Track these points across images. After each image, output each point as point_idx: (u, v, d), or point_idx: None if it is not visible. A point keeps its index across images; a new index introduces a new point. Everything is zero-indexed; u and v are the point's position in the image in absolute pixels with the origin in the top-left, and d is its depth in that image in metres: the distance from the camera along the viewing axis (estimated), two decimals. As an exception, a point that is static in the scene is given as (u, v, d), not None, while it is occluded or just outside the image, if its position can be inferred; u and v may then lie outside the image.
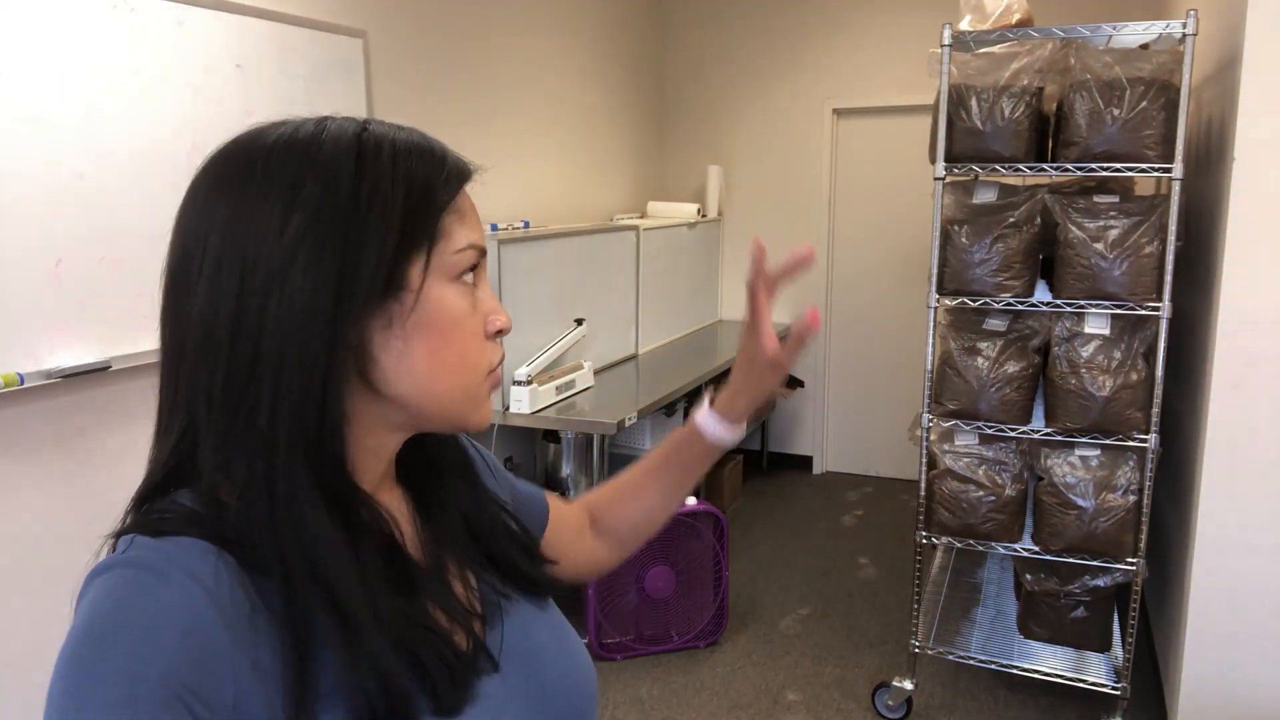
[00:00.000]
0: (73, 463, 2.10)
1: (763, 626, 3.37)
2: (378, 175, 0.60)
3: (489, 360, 0.66)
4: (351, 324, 0.58)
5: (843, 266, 4.98)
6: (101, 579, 0.53)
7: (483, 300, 0.65)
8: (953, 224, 2.53)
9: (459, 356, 0.63)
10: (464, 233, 0.63)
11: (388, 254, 0.59)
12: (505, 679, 0.68)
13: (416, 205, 0.61)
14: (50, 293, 1.96)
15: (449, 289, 0.62)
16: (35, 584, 2.05)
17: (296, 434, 0.58)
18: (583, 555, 0.93)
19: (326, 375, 0.58)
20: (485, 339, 0.65)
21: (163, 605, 0.52)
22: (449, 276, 0.62)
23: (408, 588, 0.63)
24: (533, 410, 3.13)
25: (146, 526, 0.56)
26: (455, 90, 3.34)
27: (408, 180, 0.61)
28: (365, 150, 0.61)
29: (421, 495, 0.72)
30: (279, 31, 2.47)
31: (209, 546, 0.55)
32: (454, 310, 0.62)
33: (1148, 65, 2.29)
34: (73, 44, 1.97)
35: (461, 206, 0.64)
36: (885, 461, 5.06)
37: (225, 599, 0.53)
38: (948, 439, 2.65)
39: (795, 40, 4.82)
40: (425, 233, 0.61)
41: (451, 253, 0.62)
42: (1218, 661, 2.39)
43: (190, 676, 0.50)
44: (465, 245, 0.63)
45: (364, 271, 0.58)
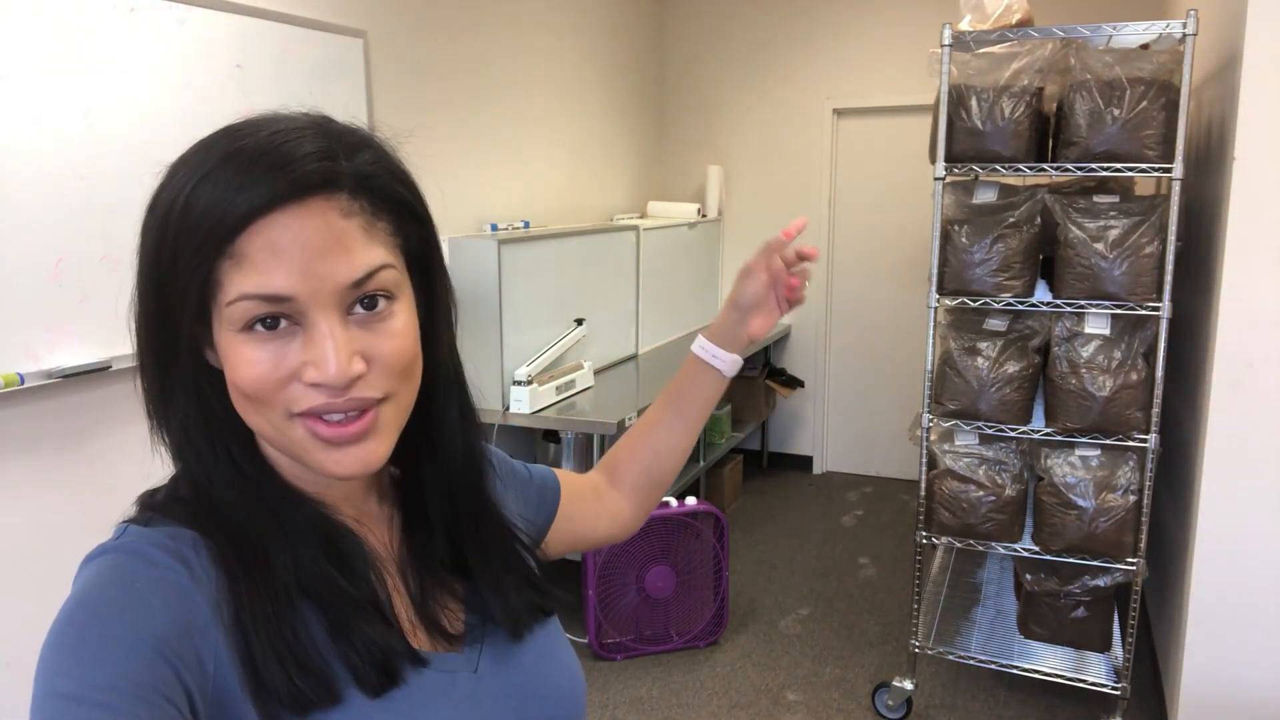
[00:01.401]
0: (73, 463, 2.10)
1: (763, 626, 3.37)
2: (163, 210, 0.58)
3: (288, 403, 0.58)
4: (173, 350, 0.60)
5: (843, 266, 4.98)
6: (94, 562, 0.57)
7: (300, 350, 0.58)
8: (953, 224, 2.53)
9: (250, 402, 0.59)
10: (239, 281, 0.56)
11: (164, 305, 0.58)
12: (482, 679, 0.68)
13: (182, 263, 0.56)
14: (50, 293, 1.96)
15: (235, 337, 0.57)
16: (35, 583, 2.05)
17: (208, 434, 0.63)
18: (603, 518, 0.94)
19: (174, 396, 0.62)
20: (290, 383, 0.58)
21: (151, 581, 0.55)
22: (234, 328, 0.57)
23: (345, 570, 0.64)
24: (533, 410, 3.13)
25: (139, 517, 0.61)
26: (455, 90, 3.34)
27: (181, 219, 0.56)
28: (170, 173, 0.60)
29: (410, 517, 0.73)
30: (279, 31, 2.47)
31: (192, 533, 0.59)
32: (235, 360, 0.58)
33: (1148, 65, 2.29)
34: (73, 44, 1.97)
35: (243, 250, 0.56)
36: (885, 461, 5.06)
37: (205, 580, 0.57)
38: (948, 439, 2.65)
39: (795, 40, 4.82)
40: (195, 281, 0.56)
41: (225, 304, 0.57)
42: (1218, 661, 2.39)
43: (177, 644, 0.53)
44: (236, 297, 0.56)
45: (156, 315, 0.59)
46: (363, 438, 0.60)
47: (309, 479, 0.66)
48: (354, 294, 0.58)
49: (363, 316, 0.59)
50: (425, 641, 0.67)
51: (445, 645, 0.68)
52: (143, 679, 0.51)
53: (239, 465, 0.63)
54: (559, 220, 4.07)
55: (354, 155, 0.59)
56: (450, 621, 0.69)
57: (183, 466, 0.63)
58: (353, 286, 0.58)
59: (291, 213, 0.56)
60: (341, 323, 0.58)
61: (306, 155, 0.57)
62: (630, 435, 0.99)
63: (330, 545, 0.64)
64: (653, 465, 0.97)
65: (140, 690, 0.50)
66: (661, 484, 0.98)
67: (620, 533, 0.97)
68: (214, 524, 0.61)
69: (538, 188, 3.93)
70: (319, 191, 0.57)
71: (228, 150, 0.57)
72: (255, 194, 0.55)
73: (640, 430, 0.98)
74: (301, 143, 0.57)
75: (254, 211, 0.55)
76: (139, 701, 0.50)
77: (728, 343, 0.95)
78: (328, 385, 0.57)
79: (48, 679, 0.51)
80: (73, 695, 0.49)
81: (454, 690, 0.66)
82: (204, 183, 0.56)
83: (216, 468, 0.62)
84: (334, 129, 0.60)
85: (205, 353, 0.61)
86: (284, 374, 0.57)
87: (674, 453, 0.97)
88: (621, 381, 3.70)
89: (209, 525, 0.60)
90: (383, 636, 0.62)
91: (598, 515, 0.94)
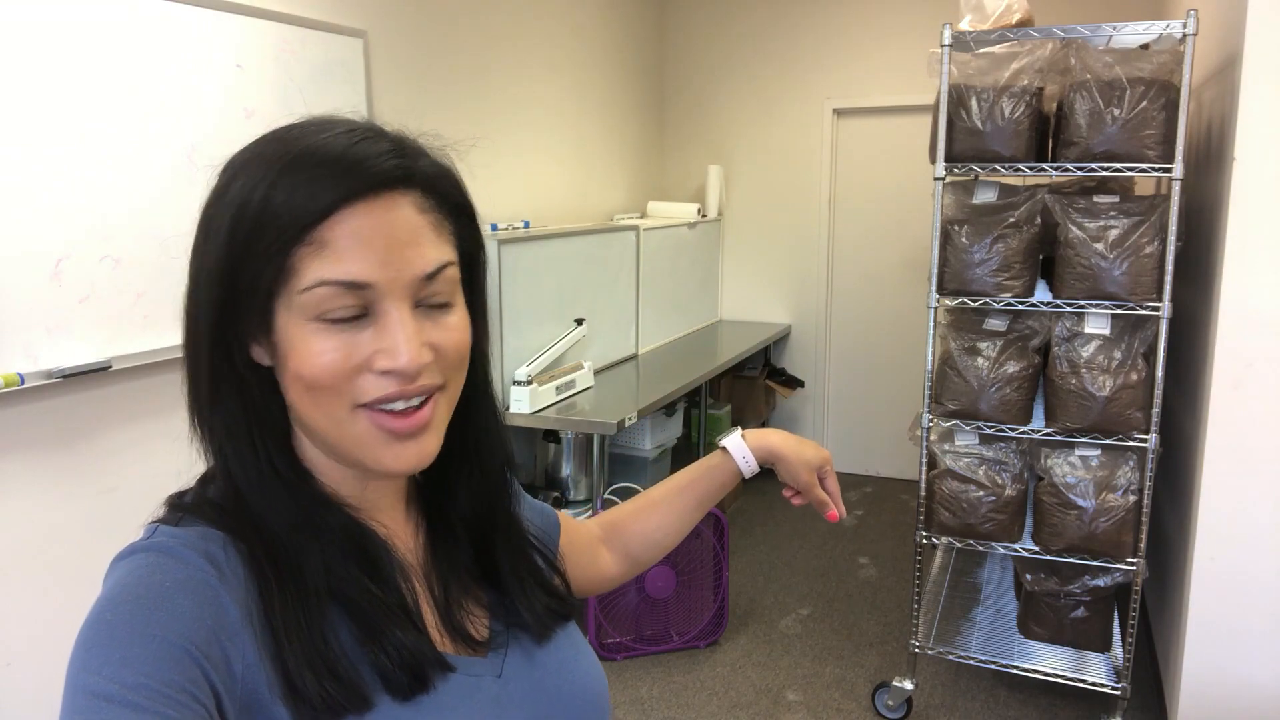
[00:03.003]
0: (73, 463, 2.10)
1: (763, 626, 3.37)
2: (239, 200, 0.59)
3: (355, 394, 0.59)
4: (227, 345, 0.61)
5: (843, 266, 4.98)
6: (125, 561, 0.58)
7: (371, 340, 0.59)
8: (953, 224, 2.54)
9: (315, 393, 0.59)
10: (317, 268, 0.57)
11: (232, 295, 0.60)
12: (507, 684, 0.69)
13: (259, 249, 0.58)
14: (50, 293, 1.96)
15: (305, 326, 0.58)
16: (36, 583, 2.05)
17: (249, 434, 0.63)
18: (591, 569, 0.95)
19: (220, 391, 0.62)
20: (363, 373, 0.60)
21: (180, 581, 0.56)
22: (305, 316, 0.58)
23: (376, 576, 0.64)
24: (533, 410, 3.13)
25: (169, 518, 0.61)
26: (455, 90, 3.34)
27: (262, 208, 0.58)
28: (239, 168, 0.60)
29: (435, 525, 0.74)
30: (279, 31, 2.47)
31: (223, 535, 0.60)
32: (304, 349, 0.58)
33: (1148, 65, 2.29)
34: (73, 44, 1.97)
35: (326, 237, 0.57)
36: (885, 461, 5.06)
37: (235, 582, 0.58)
38: (948, 439, 2.65)
39: (795, 40, 4.82)
40: (271, 268, 0.58)
41: (298, 291, 0.58)
42: (1218, 661, 2.39)
43: (205, 644, 0.54)
44: (314, 283, 0.57)
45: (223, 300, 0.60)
46: (422, 431, 0.62)
47: (346, 484, 0.66)
48: (424, 287, 0.61)
49: (427, 310, 0.62)
50: (450, 647, 0.68)
51: (469, 651, 0.69)
52: (172, 679, 0.51)
53: (276, 466, 0.63)
54: (559, 220, 4.07)
55: (420, 157, 0.62)
56: (475, 628, 0.70)
57: (221, 463, 0.63)
58: (425, 279, 0.61)
59: (373, 204, 0.58)
60: (411, 313, 0.60)
61: (384, 152, 0.59)
62: (637, 507, 1.00)
63: (361, 551, 0.64)
64: (652, 541, 0.99)
65: (169, 690, 0.51)
66: (654, 558, 1.00)
67: (602, 587, 0.98)
68: (245, 526, 0.61)
69: (538, 188, 3.93)
70: (397, 186, 0.60)
71: (306, 145, 0.59)
72: (341, 184, 0.57)
73: (648, 506, 0.99)
74: (376, 141, 0.60)
75: (339, 201, 0.57)
76: (168, 701, 0.50)
77: (759, 453, 1.00)
78: (400, 373, 0.59)
79: (79, 677, 0.51)
80: (103, 693, 0.50)
81: (479, 694, 0.66)
82: (287, 173, 0.57)
83: (256, 467, 0.62)
84: (392, 134, 0.63)
85: (253, 350, 0.62)
86: (356, 363, 0.59)
87: (674, 534, 0.99)
88: (621, 381, 3.70)
89: (240, 527, 0.60)
90: (413, 641, 0.62)
91: (588, 565, 0.95)
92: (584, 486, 3.67)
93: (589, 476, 3.64)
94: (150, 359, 2.19)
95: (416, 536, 0.72)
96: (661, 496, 0.99)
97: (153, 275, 2.17)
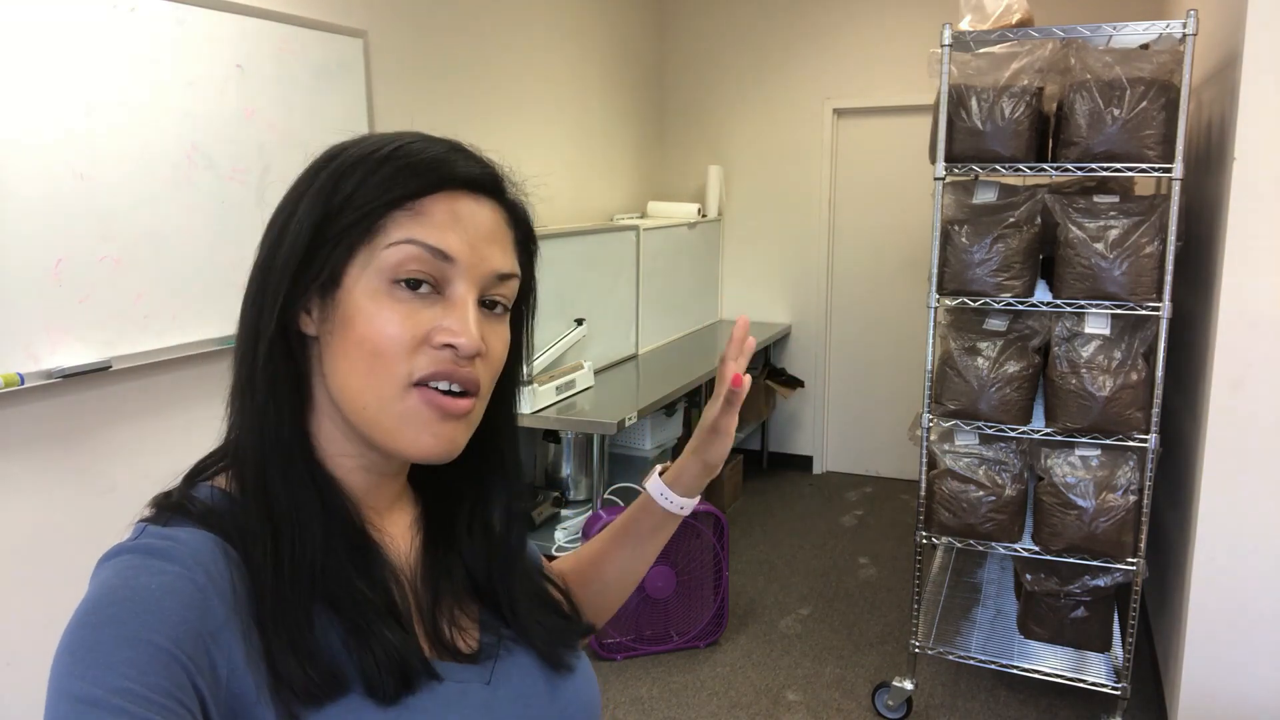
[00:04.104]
0: (73, 463, 2.10)
1: (763, 626, 3.37)
2: (348, 159, 0.63)
3: (411, 367, 0.61)
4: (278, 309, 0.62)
5: (843, 266, 4.98)
6: (111, 563, 0.57)
7: (435, 315, 0.62)
8: (953, 224, 2.54)
9: (373, 359, 0.61)
10: (409, 228, 0.61)
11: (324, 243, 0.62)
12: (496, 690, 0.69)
13: (371, 197, 0.61)
14: (50, 293, 1.96)
15: (378, 287, 0.61)
16: (36, 583, 2.05)
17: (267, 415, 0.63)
18: None
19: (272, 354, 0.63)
20: (419, 346, 0.61)
21: (166, 583, 0.55)
22: (384, 277, 0.61)
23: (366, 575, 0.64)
24: (533, 410, 3.13)
25: (157, 518, 0.61)
26: (455, 90, 3.34)
27: (369, 178, 0.61)
28: (342, 147, 0.64)
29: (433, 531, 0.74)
30: (279, 31, 2.47)
31: (212, 537, 0.59)
32: (371, 312, 0.61)
33: (1148, 65, 2.29)
34: (73, 43, 1.97)
35: (425, 209, 0.61)
36: (885, 461, 5.06)
37: (223, 584, 0.57)
38: (948, 439, 2.65)
39: (795, 40, 4.82)
40: (360, 228, 0.61)
41: (384, 247, 0.61)
42: (1218, 661, 2.39)
43: (190, 647, 0.53)
44: (402, 239, 0.61)
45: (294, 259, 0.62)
46: (461, 417, 0.64)
47: (354, 476, 0.67)
48: (493, 285, 0.65)
49: (486, 310, 0.65)
50: (435, 656, 0.68)
51: (455, 660, 0.69)
52: (156, 682, 0.51)
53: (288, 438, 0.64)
54: (559, 220, 4.07)
55: (505, 181, 0.69)
56: (464, 640, 0.70)
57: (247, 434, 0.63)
58: (497, 278, 0.65)
59: (474, 197, 0.64)
60: (476, 304, 0.64)
61: (480, 162, 0.66)
62: (583, 556, 0.93)
63: (355, 549, 0.64)
64: (603, 590, 0.92)
65: (154, 693, 0.50)
66: (612, 604, 0.94)
67: None
68: (235, 526, 0.61)
69: (538, 188, 3.92)
70: (493, 195, 0.66)
71: (409, 144, 0.64)
72: (454, 168, 0.63)
73: (593, 556, 0.92)
74: (470, 155, 0.66)
75: (448, 181, 0.63)
76: (152, 706, 0.50)
77: (684, 489, 0.88)
78: (459, 350, 0.61)
79: (62, 681, 0.51)
80: (87, 698, 0.50)
81: (466, 700, 0.66)
82: (397, 156, 0.62)
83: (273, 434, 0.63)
84: (484, 157, 0.69)
85: (300, 319, 0.64)
86: (418, 334, 0.61)
87: (626, 580, 0.93)
88: (621, 381, 3.70)
89: (229, 528, 0.60)
90: (399, 642, 0.62)
91: None
92: (584, 486, 3.68)
93: (589, 476, 3.64)
94: (150, 359, 2.19)
95: (412, 544, 0.72)
96: (599, 548, 0.92)
97: (153, 275, 2.17)
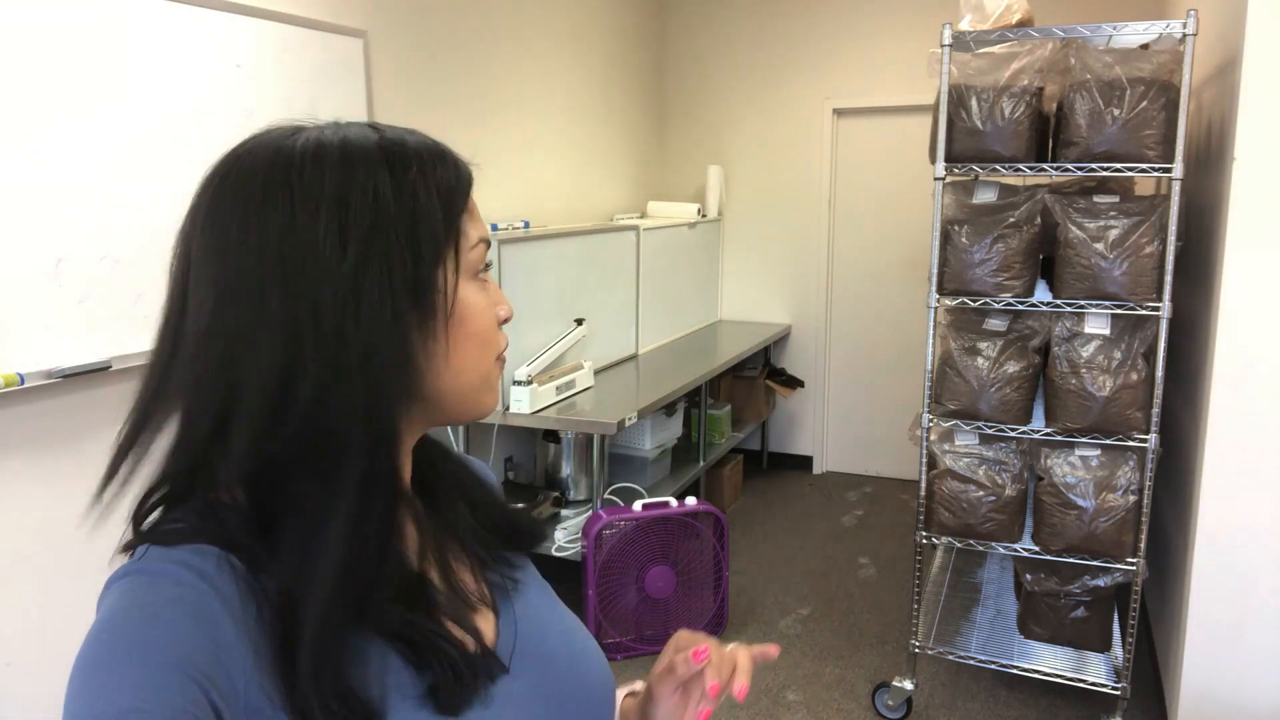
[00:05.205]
0: (73, 463, 2.10)
1: (763, 626, 3.37)
2: (414, 186, 0.62)
3: (500, 346, 0.69)
4: (423, 336, 0.62)
5: (843, 266, 4.98)
6: (119, 583, 0.57)
7: (492, 290, 0.69)
8: (953, 224, 2.53)
9: (480, 348, 0.67)
10: (475, 229, 0.67)
11: (436, 262, 0.63)
12: (515, 680, 0.68)
13: (446, 212, 0.64)
14: (50, 293, 1.96)
15: (471, 285, 0.66)
16: (36, 584, 2.05)
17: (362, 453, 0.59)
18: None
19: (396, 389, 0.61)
20: (494, 323, 0.69)
21: (177, 600, 0.55)
22: (470, 274, 0.66)
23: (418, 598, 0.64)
24: (533, 410, 3.13)
25: (159, 538, 0.59)
26: (455, 90, 3.34)
27: (437, 188, 0.63)
28: (394, 160, 0.62)
29: (427, 488, 0.73)
30: (279, 31, 2.47)
31: (217, 550, 0.58)
32: (476, 305, 0.66)
33: (1148, 65, 2.29)
34: (72, 43, 1.97)
35: (471, 205, 0.67)
36: (885, 461, 5.06)
37: (233, 598, 0.57)
38: (948, 439, 2.65)
39: (795, 40, 4.82)
40: (452, 236, 0.64)
41: (468, 250, 0.65)
42: (1218, 661, 2.39)
43: (204, 664, 0.53)
44: (477, 241, 0.66)
45: (423, 283, 0.61)
46: None
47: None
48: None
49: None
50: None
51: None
52: (172, 700, 0.50)
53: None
54: (559, 220, 4.07)
55: None
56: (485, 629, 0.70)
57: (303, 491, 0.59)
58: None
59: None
60: None
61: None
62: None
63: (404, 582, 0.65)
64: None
65: (170, 712, 0.50)
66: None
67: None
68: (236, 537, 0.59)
69: (538, 188, 3.93)
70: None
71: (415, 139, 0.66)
72: (463, 165, 0.67)
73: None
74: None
75: (470, 175, 0.68)
76: None
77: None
78: (507, 320, 0.70)
79: (77, 703, 0.50)
80: (100, 717, 0.49)
81: (489, 691, 0.66)
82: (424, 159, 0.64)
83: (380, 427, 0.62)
84: None
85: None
86: (494, 313, 0.68)
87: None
88: (621, 381, 3.70)
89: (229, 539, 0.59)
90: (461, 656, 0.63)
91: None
92: (584, 486, 3.67)
93: (589, 477, 3.64)
94: (150, 359, 2.19)
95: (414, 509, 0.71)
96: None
97: (153, 275, 2.17)
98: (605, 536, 3.02)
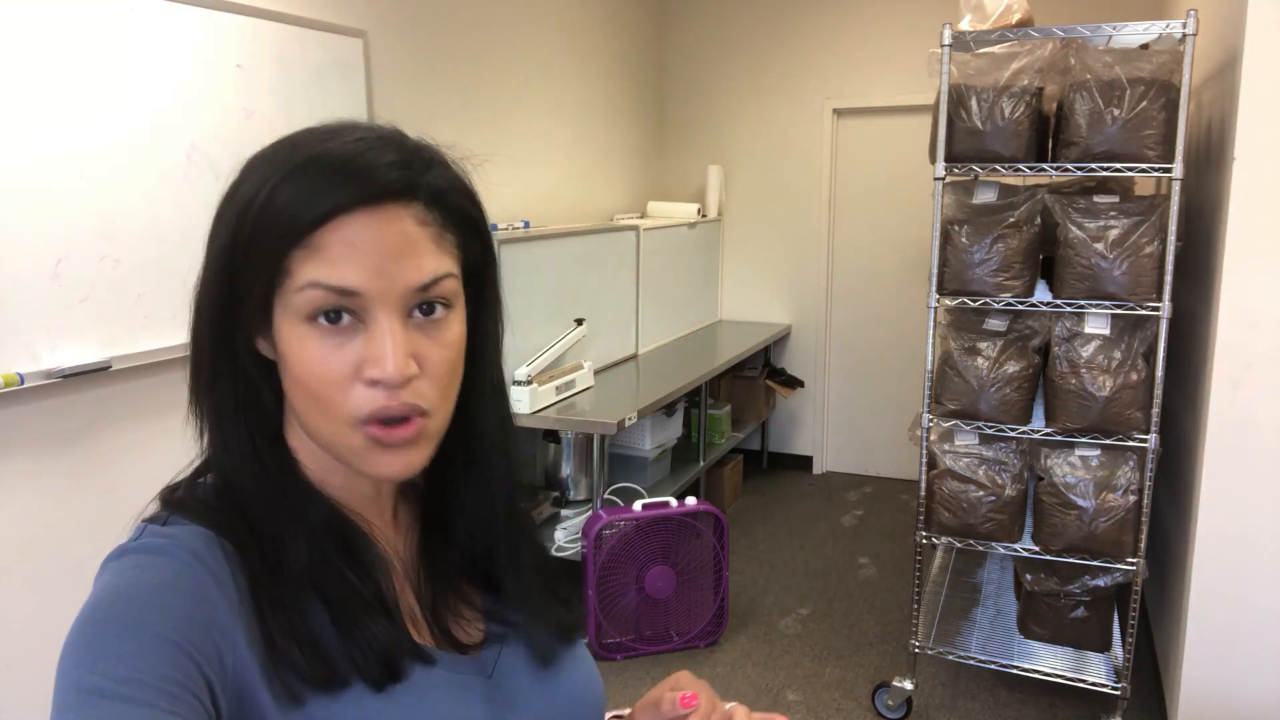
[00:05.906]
0: (73, 463, 2.10)
1: (763, 626, 3.37)
2: (244, 200, 0.60)
3: (353, 407, 0.60)
4: (228, 336, 0.63)
5: (843, 266, 4.98)
6: (113, 563, 0.59)
7: (360, 347, 0.60)
8: (953, 224, 2.54)
9: (313, 399, 0.60)
10: (310, 269, 0.58)
11: (248, 293, 0.61)
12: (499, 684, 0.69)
13: (263, 238, 0.59)
14: (50, 293, 1.96)
15: (299, 329, 0.59)
16: (35, 583, 2.05)
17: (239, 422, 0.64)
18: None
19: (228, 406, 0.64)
20: (355, 383, 0.60)
21: (169, 578, 0.56)
22: (299, 317, 0.59)
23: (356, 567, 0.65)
24: (533, 410, 3.13)
25: (157, 518, 0.62)
26: (455, 90, 3.34)
27: (262, 210, 0.59)
28: (261, 171, 0.61)
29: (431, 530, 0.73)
30: (279, 31, 2.47)
31: (209, 532, 0.61)
32: (303, 354, 0.59)
33: (1148, 65, 2.29)
34: (73, 43, 1.97)
35: (320, 243, 0.58)
36: (885, 461, 5.06)
37: (224, 577, 0.59)
38: (948, 439, 2.65)
39: (795, 40, 4.82)
40: (267, 268, 0.59)
41: (293, 291, 0.59)
42: (1218, 661, 2.39)
43: (196, 638, 0.54)
44: (306, 284, 0.58)
45: (225, 294, 0.62)
46: (407, 445, 0.62)
47: (334, 481, 0.67)
48: (417, 297, 0.61)
49: (420, 321, 0.62)
50: (436, 645, 0.68)
51: (456, 651, 0.69)
52: (165, 672, 0.51)
53: (261, 456, 0.64)
54: (559, 220, 4.07)
55: (428, 170, 0.62)
56: (465, 630, 0.70)
57: (210, 451, 0.65)
58: (419, 290, 0.60)
59: (371, 214, 0.59)
60: (402, 323, 0.60)
61: (390, 164, 0.60)
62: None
63: (342, 542, 0.65)
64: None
65: (163, 683, 0.51)
66: None
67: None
68: (231, 520, 0.62)
69: (538, 188, 3.93)
70: (398, 199, 0.60)
71: (314, 151, 0.59)
72: (340, 193, 0.58)
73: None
74: (384, 152, 0.60)
75: (336, 209, 0.58)
76: (161, 694, 0.50)
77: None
78: (385, 383, 0.59)
79: (70, 675, 0.51)
80: (95, 689, 0.50)
81: (467, 692, 0.66)
82: (290, 178, 0.58)
83: (242, 453, 0.64)
84: (410, 144, 0.63)
85: (258, 343, 0.63)
86: (346, 371, 0.59)
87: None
88: (621, 381, 3.70)
89: (225, 522, 0.62)
90: (385, 632, 0.63)
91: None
92: (584, 486, 3.68)
93: (589, 477, 3.64)
94: (150, 359, 2.19)
95: (408, 536, 0.72)
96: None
97: (153, 275, 2.17)
98: (605, 536, 3.02)
